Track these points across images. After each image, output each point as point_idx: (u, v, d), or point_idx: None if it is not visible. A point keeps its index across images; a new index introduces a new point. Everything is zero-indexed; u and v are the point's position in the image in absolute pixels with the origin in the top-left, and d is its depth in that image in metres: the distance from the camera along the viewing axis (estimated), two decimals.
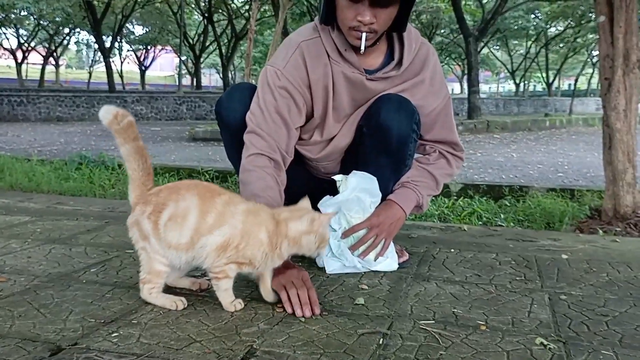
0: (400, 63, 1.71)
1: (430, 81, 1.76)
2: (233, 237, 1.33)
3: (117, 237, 2.15)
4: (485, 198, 4.22)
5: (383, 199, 1.75)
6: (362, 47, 1.58)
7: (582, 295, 1.52)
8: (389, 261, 1.73)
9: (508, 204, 4.04)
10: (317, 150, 1.81)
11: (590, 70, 26.89)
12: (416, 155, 1.86)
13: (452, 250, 2.00)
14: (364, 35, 1.56)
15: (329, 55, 1.68)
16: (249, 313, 1.37)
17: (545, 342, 1.20)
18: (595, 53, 24.93)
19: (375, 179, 1.71)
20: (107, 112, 1.37)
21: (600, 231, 3.19)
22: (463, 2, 16.11)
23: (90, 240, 2.10)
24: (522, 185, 4.60)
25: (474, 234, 2.38)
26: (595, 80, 31.11)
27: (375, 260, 1.72)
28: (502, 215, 3.65)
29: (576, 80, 25.06)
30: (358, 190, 1.68)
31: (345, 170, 1.79)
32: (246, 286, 1.56)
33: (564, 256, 1.92)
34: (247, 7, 21.57)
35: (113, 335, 1.22)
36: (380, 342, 1.20)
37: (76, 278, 1.63)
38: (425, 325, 1.30)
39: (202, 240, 1.33)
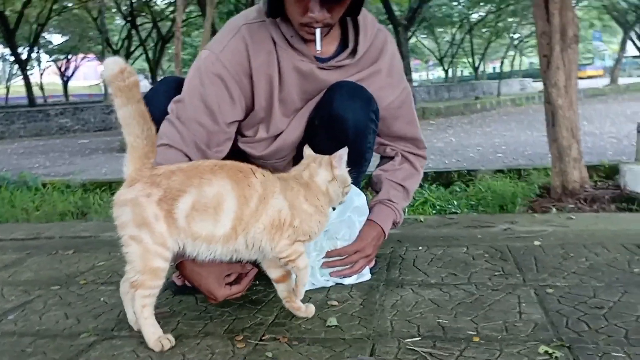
0: (355, 51, 1.52)
1: (388, 71, 1.59)
2: (284, 216, 1.21)
3: (40, 271, 1.85)
4: (435, 185, 4.16)
5: None
6: (319, 45, 1.39)
7: (569, 286, 1.40)
8: (360, 275, 1.56)
9: (459, 190, 3.99)
10: (263, 147, 1.58)
11: (513, 53, 27.89)
12: (381, 165, 1.72)
13: (420, 247, 1.85)
14: (318, 31, 1.37)
15: (274, 42, 1.47)
16: (204, 354, 1.15)
17: (550, 350, 1.06)
18: (516, 36, 25.94)
19: (363, 194, 1.57)
20: (113, 64, 1.16)
21: (554, 209, 3.18)
22: None
23: (8, 278, 1.80)
24: (469, 169, 4.57)
25: (432, 224, 2.25)
26: (517, 62, 32.45)
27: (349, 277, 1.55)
28: (455, 202, 3.58)
29: (502, 63, 25.94)
30: (351, 210, 1.51)
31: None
32: (198, 318, 1.34)
33: (537, 243, 1.81)
34: (171, 8, 20.84)
35: None
36: None
37: None
38: (412, 344, 1.13)
39: (252, 229, 1.18)
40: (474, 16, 25.70)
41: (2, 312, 1.47)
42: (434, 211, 3.40)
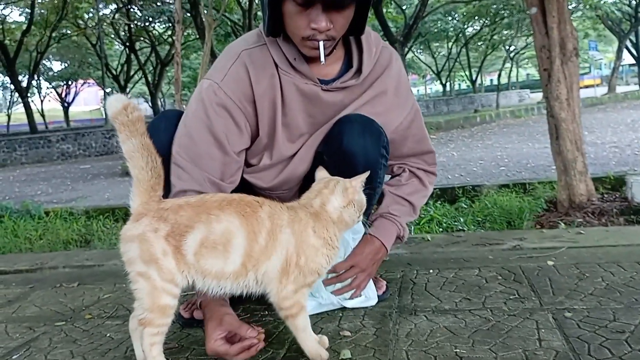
0: (359, 70, 1.49)
1: (395, 91, 1.54)
2: (290, 255, 1.17)
3: (44, 306, 1.82)
4: (440, 202, 4.12)
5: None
6: (323, 58, 1.34)
7: (587, 309, 1.37)
8: (368, 300, 1.53)
9: (464, 206, 3.95)
10: (270, 178, 1.54)
11: (509, 65, 28.06)
12: (387, 181, 1.65)
13: (431, 271, 1.81)
14: (321, 44, 1.33)
15: (276, 65, 1.42)
16: None
17: None
18: (512, 48, 26.10)
19: None
20: (116, 101, 1.15)
21: (562, 224, 3.14)
22: (385, 10, 16.36)
23: (12, 315, 1.77)
24: (474, 184, 4.53)
25: (439, 242, 2.22)
26: (514, 73, 32.60)
27: (350, 298, 1.51)
28: (461, 219, 3.54)
29: (499, 76, 26.06)
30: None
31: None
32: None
33: (550, 262, 1.78)
34: (169, 32, 21.02)
35: None
36: None
37: None
38: None
39: (262, 266, 1.16)
40: (469, 30, 25.93)
41: (7, 352, 1.44)
42: (441, 229, 3.36)
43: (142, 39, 23.60)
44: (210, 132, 1.38)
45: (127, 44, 23.24)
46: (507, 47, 25.92)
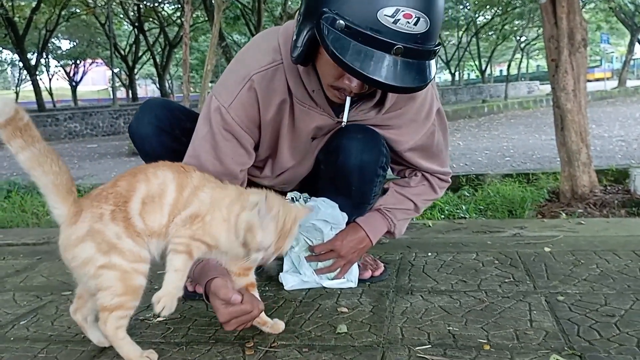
0: (382, 103, 1.38)
1: (414, 114, 1.45)
2: (201, 210, 1.14)
3: (51, 277, 1.87)
4: None
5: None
6: (345, 117, 1.28)
7: (580, 294, 1.40)
8: (348, 282, 1.56)
9: (467, 194, 3.98)
10: (269, 181, 1.56)
11: (520, 56, 27.78)
12: (393, 179, 1.63)
13: (429, 253, 1.84)
14: (348, 100, 1.25)
15: (290, 92, 1.34)
16: None
17: (562, 359, 1.05)
18: (523, 39, 25.83)
19: (336, 206, 1.51)
20: (6, 106, 1.05)
21: (563, 214, 3.16)
22: None
23: (20, 284, 1.81)
24: (477, 173, 4.56)
25: (440, 229, 2.25)
26: (524, 64, 32.31)
27: (331, 279, 1.56)
28: (463, 207, 3.57)
29: (509, 66, 25.87)
30: (316, 220, 1.50)
31: (302, 190, 1.60)
32: (208, 324, 1.34)
33: (547, 249, 1.81)
34: (178, 14, 20.93)
35: None
36: None
37: (2, 335, 1.36)
38: (423, 352, 1.13)
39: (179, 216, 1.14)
40: (480, 19, 25.64)
41: (15, 318, 1.48)
42: (442, 216, 3.39)
43: (151, 19, 23.53)
44: (217, 158, 1.36)
45: (136, 24, 23.18)
46: (518, 38, 25.65)
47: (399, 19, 1.05)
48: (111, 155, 9.58)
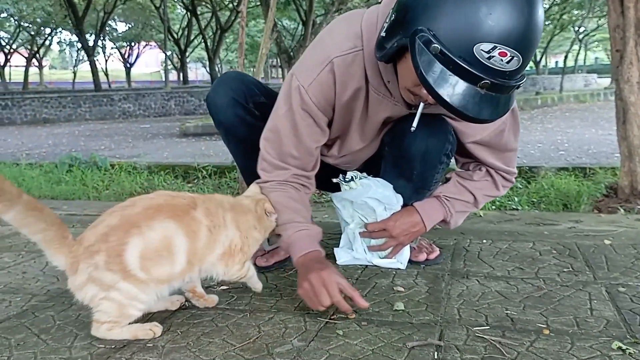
0: None
1: None
2: (235, 244, 1.27)
3: None
4: None
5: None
6: (415, 122, 1.26)
7: None
8: (397, 263, 1.59)
9: (520, 186, 3.91)
10: (334, 159, 1.62)
11: (577, 47, 26.75)
12: (457, 170, 1.63)
13: (484, 241, 1.85)
14: (421, 106, 1.24)
15: (367, 79, 1.37)
16: (277, 328, 1.21)
17: (624, 347, 1.05)
18: (581, 29, 24.83)
19: (391, 187, 1.53)
20: None
21: (622, 210, 3.07)
22: None
23: None
24: (531, 165, 4.46)
25: (492, 219, 2.23)
26: (582, 56, 31.06)
27: (382, 258, 1.60)
28: (515, 199, 3.52)
29: (565, 58, 24.95)
30: (367, 198, 1.53)
31: (364, 170, 1.62)
32: (270, 295, 1.40)
33: (607, 242, 1.78)
34: None
35: None
36: (436, 356, 1.05)
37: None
38: (481, 333, 1.14)
39: (207, 258, 1.24)
40: None
41: None
42: (494, 207, 3.35)
43: (203, 3, 23.90)
44: (296, 135, 1.42)
45: (189, 7, 23.60)
46: (577, 28, 24.68)
47: (493, 56, 1.05)
48: (163, 136, 9.87)
